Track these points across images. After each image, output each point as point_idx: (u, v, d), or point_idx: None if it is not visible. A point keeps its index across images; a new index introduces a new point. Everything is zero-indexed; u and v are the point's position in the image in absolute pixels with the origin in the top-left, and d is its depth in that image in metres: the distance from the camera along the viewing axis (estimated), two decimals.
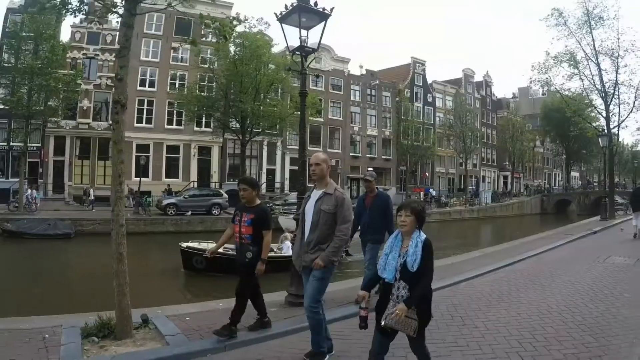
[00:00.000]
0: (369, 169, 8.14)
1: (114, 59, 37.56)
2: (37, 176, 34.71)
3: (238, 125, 31.62)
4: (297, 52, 7.47)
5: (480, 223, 43.55)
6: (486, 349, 4.95)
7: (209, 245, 15.90)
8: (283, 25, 7.37)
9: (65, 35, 35.67)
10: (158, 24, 38.31)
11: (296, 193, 9.56)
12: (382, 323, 3.57)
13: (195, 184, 36.67)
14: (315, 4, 7.12)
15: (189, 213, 29.43)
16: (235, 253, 5.77)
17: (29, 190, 30.65)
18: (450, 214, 44.21)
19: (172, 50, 38.05)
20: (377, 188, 7.51)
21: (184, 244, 16.21)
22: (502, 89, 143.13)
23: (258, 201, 5.58)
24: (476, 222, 43.68)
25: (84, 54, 36.69)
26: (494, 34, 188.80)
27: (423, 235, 3.57)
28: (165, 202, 30.05)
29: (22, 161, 30.58)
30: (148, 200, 31.60)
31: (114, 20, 37.84)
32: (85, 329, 5.58)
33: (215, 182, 37.93)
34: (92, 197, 32.54)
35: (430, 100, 54.32)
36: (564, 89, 29.12)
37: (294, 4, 7.06)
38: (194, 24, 38.63)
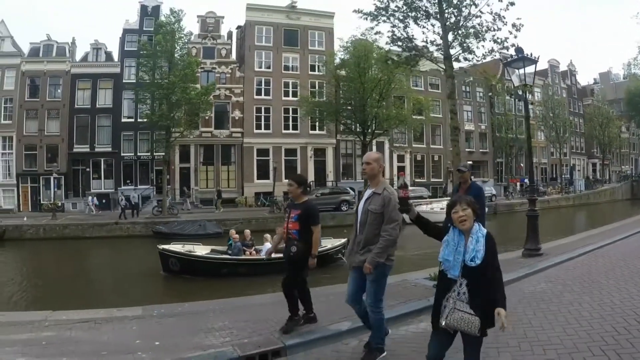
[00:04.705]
0: (469, 162, 10.41)
1: (229, 71, 40.59)
2: (165, 183, 37.97)
3: (359, 128, 33.60)
4: (519, 87, 10.84)
5: (577, 210, 44.22)
6: None
7: (194, 248, 16.46)
8: (507, 68, 11.08)
9: None
10: (267, 36, 41.03)
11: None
12: (443, 323, 3.39)
13: (313, 184, 38.69)
14: (531, 54, 10.64)
15: None
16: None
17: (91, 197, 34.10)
18: (549, 202, 45.05)
19: (283, 60, 40.90)
20: (471, 179, 7.51)
21: (161, 247, 15.72)
22: (583, 76, 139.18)
23: (305, 198, 5.68)
24: (573, 209, 44.43)
25: (201, 68, 39.53)
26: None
27: (484, 230, 3.43)
28: None
29: (163, 169, 33.74)
30: (271, 200, 33.99)
31: (225, 34, 41.01)
32: (433, 278, 7.55)
33: (331, 181, 40.12)
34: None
35: (519, 92, 54.49)
36: None
37: (519, 55, 10.62)
38: (300, 33, 41.43)
